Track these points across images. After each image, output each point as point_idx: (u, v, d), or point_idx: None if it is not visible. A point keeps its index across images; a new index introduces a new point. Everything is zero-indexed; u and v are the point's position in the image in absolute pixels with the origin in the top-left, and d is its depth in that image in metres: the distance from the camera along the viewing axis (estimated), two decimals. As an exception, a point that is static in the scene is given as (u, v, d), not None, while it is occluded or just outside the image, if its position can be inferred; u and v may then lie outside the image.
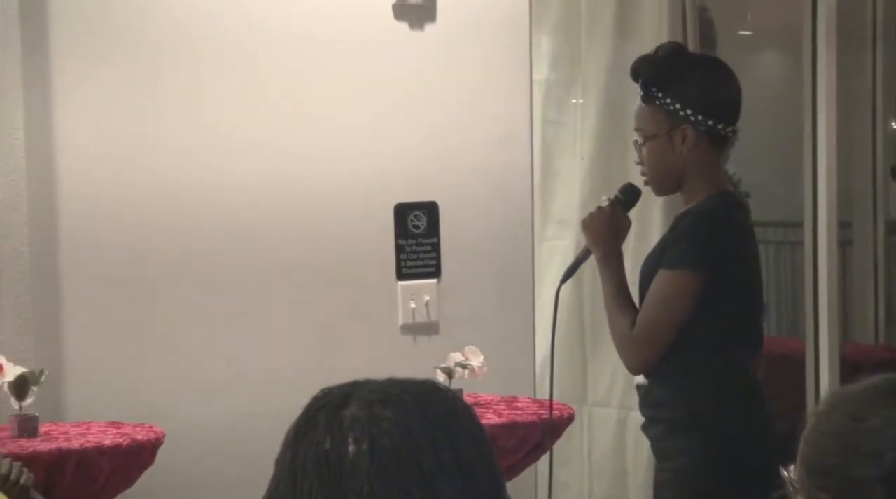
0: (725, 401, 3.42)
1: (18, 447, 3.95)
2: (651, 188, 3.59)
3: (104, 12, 4.68)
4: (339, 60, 4.97)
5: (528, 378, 5.22)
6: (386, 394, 1.59)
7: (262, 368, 4.82)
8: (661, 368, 3.46)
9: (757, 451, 3.40)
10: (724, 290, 3.39)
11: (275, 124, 4.89)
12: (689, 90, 3.44)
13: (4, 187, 4.51)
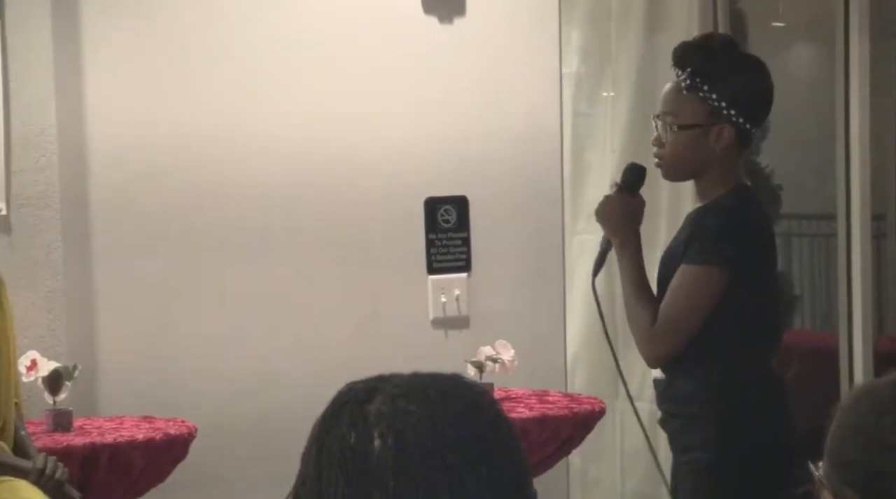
0: (742, 396, 3.40)
1: (53, 442, 3.97)
2: (662, 172, 3.54)
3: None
4: (368, 55, 4.98)
5: (558, 372, 5.21)
6: (411, 389, 1.59)
7: (294, 363, 4.84)
8: (679, 363, 3.43)
9: (775, 445, 3.38)
10: (744, 286, 3.38)
11: (302, 118, 4.89)
12: (737, 90, 3.41)
13: (37, 184, 4.53)
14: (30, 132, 4.52)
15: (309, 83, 4.91)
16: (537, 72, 5.22)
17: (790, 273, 6.99)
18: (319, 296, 4.92)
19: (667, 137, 3.47)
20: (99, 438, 4.06)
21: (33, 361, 4.21)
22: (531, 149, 5.20)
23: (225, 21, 4.82)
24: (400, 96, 5.03)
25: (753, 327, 3.43)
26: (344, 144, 4.95)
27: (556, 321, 5.20)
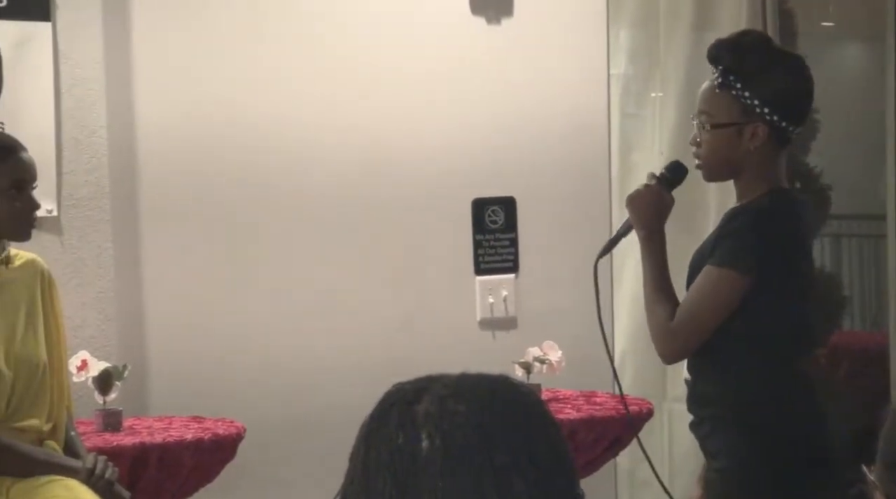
0: (771, 399, 3.35)
1: (103, 442, 3.99)
2: (702, 173, 3.48)
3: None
4: (416, 55, 4.99)
5: (606, 373, 5.19)
6: (459, 389, 1.59)
7: (341, 363, 4.84)
8: (706, 366, 3.39)
9: (807, 450, 3.34)
10: (771, 289, 3.33)
11: (350, 118, 4.91)
12: (771, 88, 3.34)
13: (87, 185, 4.56)
14: (80, 134, 4.55)
15: (356, 83, 4.92)
16: (585, 72, 5.21)
17: (839, 274, 6.96)
18: (367, 296, 4.93)
19: (702, 135, 3.43)
20: (148, 438, 4.07)
21: (84, 361, 4.23)
22: (578, 149, 5.19)
23: (275, 20, 4.84)
24: (447, 97, 5.03)
25: (781, 331, 3.38)
26: (392, 145, 4.96)
27: (605, 321, 5.18)
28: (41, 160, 4.44)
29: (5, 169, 3.64)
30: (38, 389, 3.73)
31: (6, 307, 3.70)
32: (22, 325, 3.72)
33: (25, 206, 3.67)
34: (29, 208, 3.67)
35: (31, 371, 3.70)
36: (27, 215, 3.68)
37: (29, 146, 4.38)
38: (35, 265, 3.80)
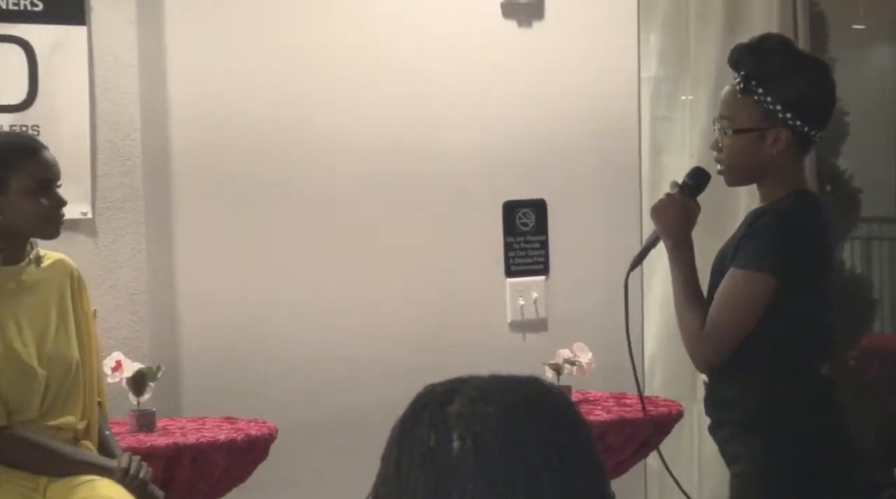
0: (792, 405, 3.33)
1: (137, 442, 4.00)
2: (724, 178, 3.45)
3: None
4: (448, 58, 4.99)
5: (634, 376, 5.19)
6: (490, 391, 1.59)
7: (373, 364, 4.86)
8: (726, 368, 3.35)
9: (827, 454, 3.33)
10: (792, 293, 3.31)
11: (382, 120, 4.91)
12: (793, 92, 3.31)
13: (122, 187, 4.57)
14: (115, 137, 4.57)
15: (389, 86, 4.93)
16: (615, 75, 5.21)
17: (870, 276, 6.94)
18: (399, 297, 4.94)
19: (723, 140, 3.39)
20: (182, 438, 4.08)
21: (118, 362, 4.24)
22: (609, 152, 5.19)
23: (308, 22, 4.85)
24: (478, 100, 5.04)
25: (801, 333, 3.36)
26: (423, 146, 4.97)
27: (635, 324, 5.18)
28: (76, 163, 4.48)
29: (29, 169, 3.66)
30: (71, 386, 3.74)
31: (37, 307, 3.72)
32: (53, 324, 3.74)
33: (52, 203, 3.68)
34: (56, 206, 3.69)
35: (63, 369, 3.72)
36: (54, 213, 3.69)
37: (64, 149, 4.42)
38: (64, 265, 3.82)
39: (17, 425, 3.65)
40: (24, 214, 3.64)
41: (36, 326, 3.70)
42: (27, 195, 3.64)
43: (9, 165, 3.64)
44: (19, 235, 3.68)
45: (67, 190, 4.36)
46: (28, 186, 3.64)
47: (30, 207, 3.64)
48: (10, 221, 3.64)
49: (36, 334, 3.69)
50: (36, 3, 4.46)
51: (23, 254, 3.72)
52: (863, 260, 7.02)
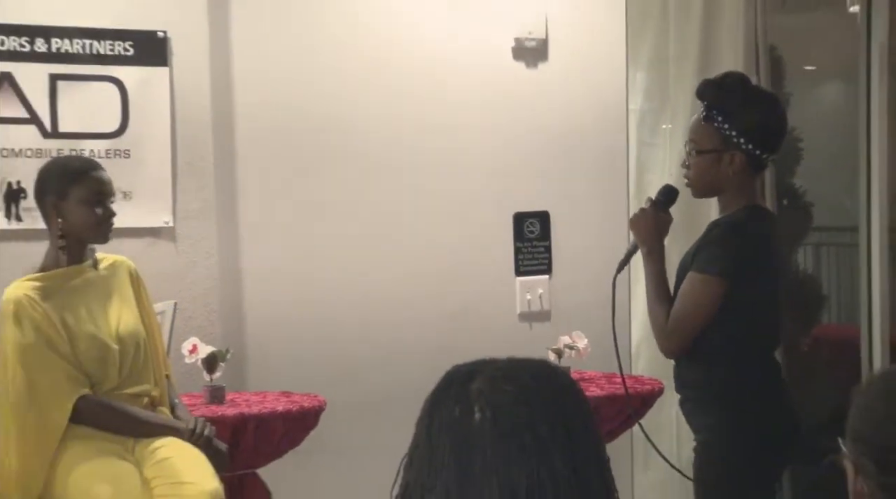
0: (743, 384, 3.32)
1: (209, 412, 4.01)
2: (690, 191, 3.47)
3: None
4: (470, 93, 5.00)
5: (624, 358, 5.17)
6: (506, 371, 1.59)
7: (406, 348, 4.86)
8: (690, 355, 3.37)
9: (774, 426, 3.31)
10: (744, 290, 3.28)
11: (411, 153, 4.92)
12: (746, 121, 3.32)
13: (197, 201, 4.58)
14: (192, 159, 4.58)
15: (421, 123, 4.93)
16: (607, 108, 5.20)
17: (819, 277, 6.91)
18: (428, 293, 4.94)
19: (690, 160, 3.40)
20: (246, 409, 4.09)
21: (194, 346, 4.25)
22: (602, 171, 5.18)
23: (359, 59, 4.85)
24: (494, 128, 5.04)
25: (753, 326, 3.34)
26: (449, 168, 4.97)
27: (623, 315, 5.17)
28: (160, 180, 4.49)
29: (87, 185, 3.69)
30: (143, 359, 3.76)
31: (102, 297, 3.74)
32: (118, 309, 3.76)
33: (104, 214, 3.70)
34: (107, 217, 3.71)
35: (134, 345, 3.74)
36: (105, 222, 3.72)
37: (150, 169, 4.44)
38: (122, 263, 3.86)
39: (101, 394, 3.66)
40: (79, 220, 3.68)
41: (104, 311, 3.72)
42: (83, 205, 3.67)
43: (71, 180, 3.68)
44: (77, 238, 3.70)
45: (151, 203, 4.39)
46: (84, 198, 3.68)
47: (84, 215, 3.68)
48: (69, 225, 3.68)
49: (105, 318, 3.71)
50: (128, 49, 4.47)
51: (83, 256, 3.74)
52: (814, 263, 6.98)
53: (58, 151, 4.34)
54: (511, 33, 5.04)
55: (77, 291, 3.69)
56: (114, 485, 3.54)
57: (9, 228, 4.32)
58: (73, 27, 4.41)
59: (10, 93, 4.33)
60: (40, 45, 4.37)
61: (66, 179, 3.68)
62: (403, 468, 1.58)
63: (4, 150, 4.32)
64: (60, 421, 3.58)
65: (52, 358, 3.58)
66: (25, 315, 3.57)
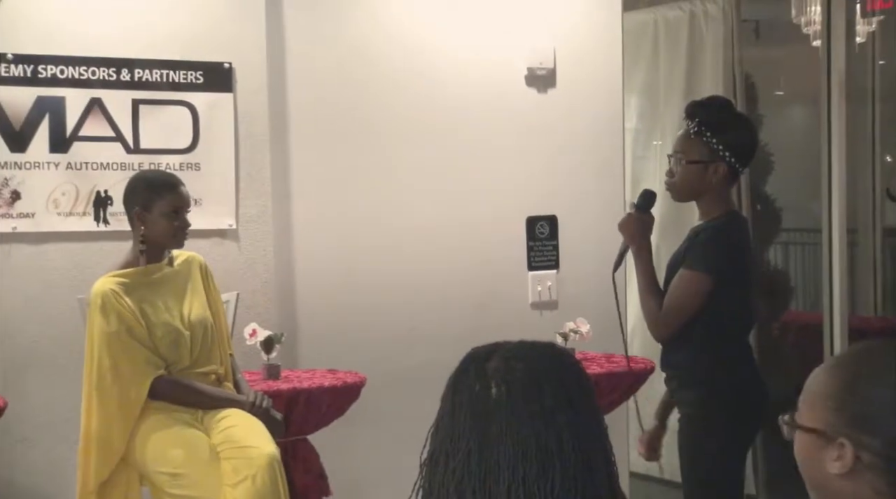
0: (721, 364, 3.31)
1: (267, 387, 4.00)
2: (671, 195, 3.43)
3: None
4: (489, 114, 4.98)
5: (621, 341, 5.15)
6: (518, 352, 1.58)
7: (435, 333, 4.84)
8: (676, 339, 3.34)
9: (748, 401, 3.29)
10: (726, 286, 3.27)
11: (441, 165, 4.90)
12: (731, 138, 3.31)
13: (256, 207, 4.58)
14: (251, 170, 4.57)
15: (445, 138, 4.92)
16: (606, 127, 5.18)
17: (788, 271, 6.87)
18: (454, 284, 4.92)
19: (677, 169, 3.37)
20: (298, 384, 4.08)
21: (254, 330, 4.24)
22: (603, 182, 5.16)
23: (400, 90, 4.83)
24: (510, 146, 5.02)
25: (731, 315, 3.32)
26: (469, 180, 4.95)
27: (621, 305, 5.13)
28: (225, 189, 4.49)
29: (169, 199, 3.68)
30: (211, 342, 3.75)
31: (176, 289, 3.74)
32: (189, 299, 3.75)
33: (181, 225, 3.70)
34: (183, 227, 3.71)
35: (203, 330, 3.73)
36: (182, 232, 3.71)
37: (216, 179, 4.44)
38: (193, 259, 3.84)
39: (177, 373, 3.66)
40: (159, 230, 3.67)
41: (177, 302, 3.72)
42: (164, 217, 3.66)
43: (155, 194, 3.66)
44: (157, 244, 3.69)
45: (218, 208, 4.39)
46: (166, 210, 3.66)
47: (165, 226, 3.67)
48: (150, 232, 3.66)
49: (178, 308, 3.71)
50: (198, 78, 4.46)
51: (162, 256, 3.74)
52: (783, 259, 6.95)
53: (139, 165, 4.34)
54: (524, 63, 5.01)
55: (155, 286, 3.69)
56: (185, 449, 3.55)
57: (97, 231, 4.32)
58: (153, 59, 4.41)
59: (100, 115, 4.34)
60: (125, 75, 4.37)
61: (151, 192, 3.66)
62: (430, 436, 1.57)
63: (94, 163, 4.32)
64: (139, 398, 3.58)
65: (133, 344, 3.57)
66: (110, 307, 3.57)
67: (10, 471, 4.23)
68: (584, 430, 1.53)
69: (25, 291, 4.25)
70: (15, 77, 4.22)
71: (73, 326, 4.20)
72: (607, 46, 5.17)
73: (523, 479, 1.48)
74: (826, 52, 5.68)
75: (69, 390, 4.20)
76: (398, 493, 2.04)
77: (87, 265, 4.28)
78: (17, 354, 4.24)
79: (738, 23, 5.81)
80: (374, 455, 4.76)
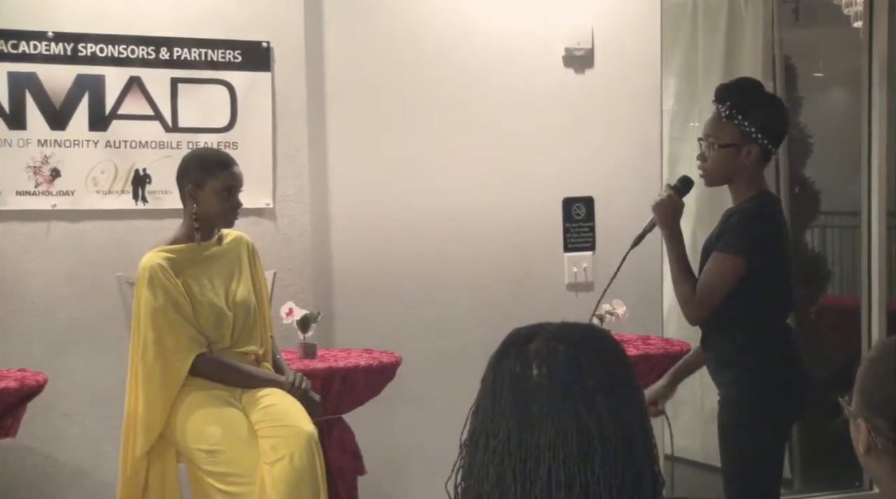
0: (759, 347, 3.29)
1: (303, 366, 4.02)
2: (704, 180, 3.40)
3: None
4: (528, 97, 4.96)
5: (657, 323, 5.15)
6: (560, 333, 1.56)
7: (470, 314, 4.84)
8: (713, 321, 3.33)
9: (786, 383, 3.27)
10: (760, 266, 3.25)
11: (478, 146, 4.90)
12: (762, 119, 3.28)
13: (293, 186, 4.59)
14: (289, 150, 4.58)
15: (488, 118, 4.91)
16: (644, 108, 5.15)
17: (825, 254, 6.82)
18: (491, 267, 4.92)
19: (709, 153, 3.34)
20: (334, 363, 4.10)
21: (290, 309, 4.26)
22: (640, 162, 5.13)
23: (436, 71, 4.83)
24: (549, 127, 5.01)
25: (767, 297, 3.30)
26: (509, 161, 4.94)
27: (656, 286, 5.13)
28: (262, 168, 4.50)
29: (223, 177, 3.66)
30: (252, 323, 3.76)
31: (223, 269, 3.74)
32: (235, 279, 3.75)
33: (233, 204, 3.69)
34: (235, 206, 3.69)
35: (246, 311, 3.74)
36: (233, 211, 3.70)
37: (253, 158, 4.45)
38: (241, 239, 3.84)
39: (217, 352, 3.68)
40: (212, 207, 3.66)
41: (223, 282, 3.72)
42: (217, 195, 3.65)
43: (208, 172, 3.65)
44: (208, 221, 3.69)
45: (255, 188, 4.40)
46: (218, 189, 3.65)
47: (217, 204, 3.66)
48: (203, 210, 3.66)
49: (224, 287, 3.71)
50: (236, 57, 4.47)
51: (212, 234, 3.74)
52: (820, 242, 6.89)
53: (177, 144, 4.36)
54: (562, 44, 4.99)
55: (203, 264, 3.70)
56: (223, 427, 3.56)
57: (136, 208, 4.35)
58: (191, 38, 4.42)
59: (139, 94, 4.35)
60: (164, 54, 4.38)
61: (204, 170, 3.65)
62: (471, 416, 1.56)
63: (133, 142, 4.34)
64: (181, 373, 3.60)
65: (178, 320, 3.59)
66: (158, 282, 3.58)
67: (50, 447, 4.28)
68: (624, 412, 1.52)
69: (65, 268, 4.28)
70: (55, 55, 4.24)
71: (111, 304, 4.23)
72: (646, 27, 5.14)
73: (564, 460, 1.47)
74: (867, 34, 5.63)
75: (108, 367, 4.24)
76: (433, 472, 2.04)
77: (125, 243, 4.31)
78: (57, 331, 4.28)
79: (777, 3, 5.75)
80: (409, 435, 4.78)
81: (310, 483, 3.49)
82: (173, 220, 4.07)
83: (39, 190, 4.23)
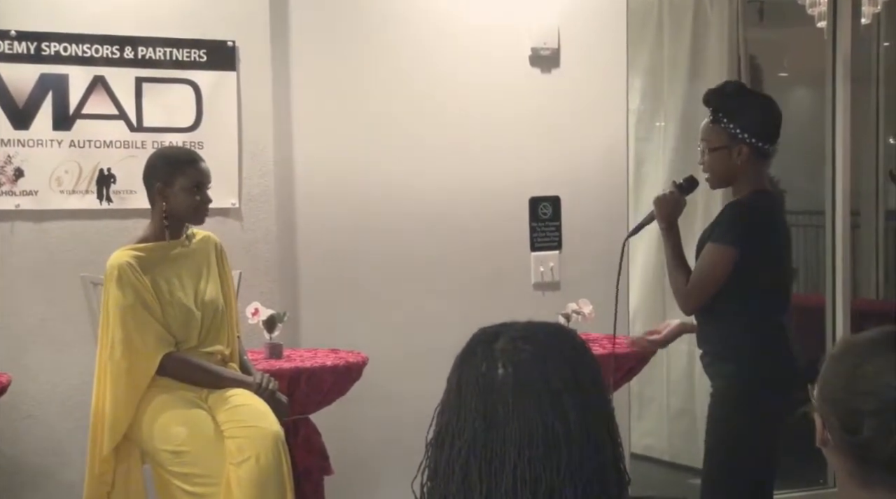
0: (753, 340, 3.33)
1: (269, 366, 4.00)
2: (708, 183, 3.49)
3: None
4: (494, 97, 4.97)
5: (624, 322, 5.16)
6: (525, 333, 1.56)
7: (437, 314, 4.84)
8: (709, 315, 3.38)
9: (779, 377, 3.30)
10: (754, 260, 3.30)
11: (444, 145, 4.89)
12: (747, 119, 3.35)
13: (259, 186, 4.57)
14: (255, 149, 4.56)
15: (450, 117, 4.91)
16: (610, 107, 5.16)
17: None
18: (456, 267, 4.92)
19: (704, 158, 3.42)
20: (300, 363, 4.08)
21: (256, 309, 4.24)
22: (605, 163, 5.15)
23: (403, 69, 4.82)
24: (514, 125, 5.01)
25: (762, 291, 3.34)
26: (472, 161, 4.94)
27: (622, 285, 5.13)
28: (227, 168, 4.48)
29: (191, 174, 3.65)
30: (219, 323, 3.75)
31: (192, 269, 3.73)
32: (204, 279, 3.74)
33: (204, 200, 3.68)
34: (205, 202, 3.68)
35: (213, 311, 3.72)
36: (203, 207, 3.69)
37: (219, 158, 4.42)
38: (209, 239, 3.82)
39: (183, 351, 3.66)
40: (182, 204, 3.65)
41: (192, 281, 3.70)
42: (187, 191, 3.64)
43: (177, 169, 3.64)
44: (178, 219, 3.68)
45: (221, 188, 4.38)
46: (188, 185, 3.64)
47: (187, 201, 3.64)
48: (172, 208, 3.64)
49: (193, 287, 3.70)
50: (202, 56, 4.45)
51: (181, 232, 3.72)
52: (785, 241, 6.97)
53: (142, 143, 4.34)
54: (529, 43, 5.00)
55: (171, 262, 3.68)
56: (189, 428, 3.55)
57: (100, 208, 4.32)
58: (156, 37, 4.39)
59: (103, 93, 4.33)
60: (128, 53, 4.36)
61: (172, 167, 3.63)
62: (437, 415, 1.56)
63: (97, 141, 4.32)
64: (149, 372, 3.58)
65: (146, 318, 3.57)
66: (126, 280, 3.56)
67: (14, 448, 4.24)
68: (590, 411, 1.52)
69: (29, 268, 4.25)
70: (18, 54, 4.20)
71: (76, 304, 4.21)
72: (611, 27, 5.15)
73: (529, 460, 1.47)
74: (831, 34, 5.67)
75: (73, 368, 4.21)
76: (400, 472, 2.04)
77: (89, 243, 4.28)
78: (20, 331, 4.24)
79: (743, 3, 5.79)
80: (375, 435, 4.77)
81: (276, 484, 3.48)
82: (138, 220, 4.04)
83: (3, 190, 4.20)
